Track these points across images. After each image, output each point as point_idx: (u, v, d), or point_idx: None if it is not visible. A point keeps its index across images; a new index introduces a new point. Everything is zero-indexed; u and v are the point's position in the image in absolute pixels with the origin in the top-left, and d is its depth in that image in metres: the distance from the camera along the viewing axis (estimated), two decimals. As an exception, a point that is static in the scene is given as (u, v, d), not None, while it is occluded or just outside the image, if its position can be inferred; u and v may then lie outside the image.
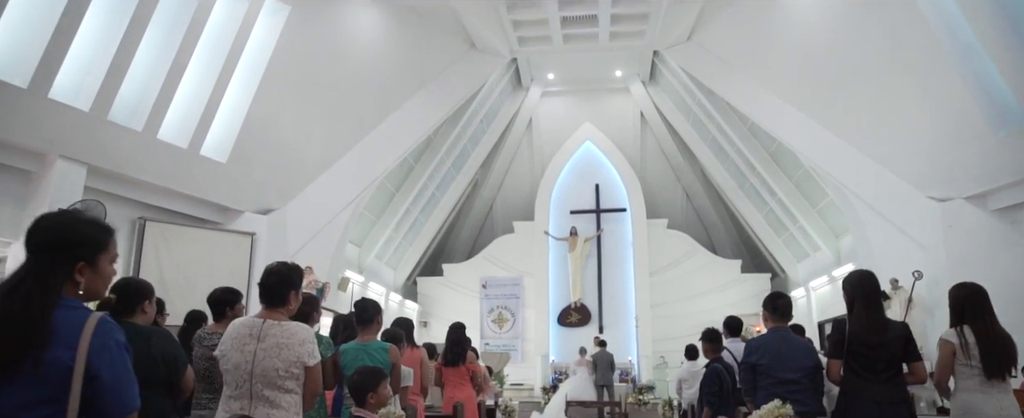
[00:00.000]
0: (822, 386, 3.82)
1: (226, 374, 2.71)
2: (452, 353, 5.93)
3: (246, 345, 2.70)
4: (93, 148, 8.03)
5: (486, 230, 19.42)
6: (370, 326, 4.22)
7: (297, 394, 2.69)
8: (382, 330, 4.39)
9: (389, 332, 4.46)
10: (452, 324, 6.07)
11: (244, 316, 3.03)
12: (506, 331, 17.12)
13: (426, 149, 15.61)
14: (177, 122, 9.01)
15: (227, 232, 10.44)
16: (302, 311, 4.25)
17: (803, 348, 3.86)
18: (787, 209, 14.82)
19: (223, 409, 2.67)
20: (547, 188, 17.70)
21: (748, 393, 3.83)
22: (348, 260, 14.28)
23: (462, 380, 5.88)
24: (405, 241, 17.08)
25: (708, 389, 4.65)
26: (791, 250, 16.07)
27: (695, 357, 7.36)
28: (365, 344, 4.15)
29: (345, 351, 4.09)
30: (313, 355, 2.71)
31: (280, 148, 10.60)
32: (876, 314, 3.42)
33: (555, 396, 13.31)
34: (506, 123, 18.09)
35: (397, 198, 15.56)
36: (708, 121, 15.71)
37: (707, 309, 16.18)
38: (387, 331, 4.50)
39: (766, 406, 3.37)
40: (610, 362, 13.10)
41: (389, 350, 4.12)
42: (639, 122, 18.26)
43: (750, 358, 3.84)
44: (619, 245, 17.33)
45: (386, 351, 4.11)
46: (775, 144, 13.97)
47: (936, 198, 9.81)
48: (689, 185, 18.53)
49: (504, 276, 17.42)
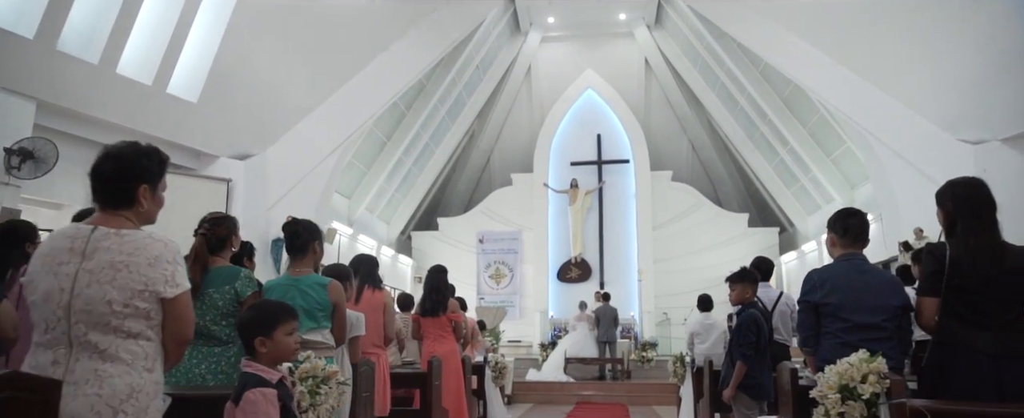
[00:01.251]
0: (910, 333, 2.97)
1: (33, 309, 1.81)
2: (430, 301, 5.13)
3: (62, 265, 1.78)
4: (42, 81, 7.24)
5: (483, 183, 18.75)
6: (304, 255, 3.31)
7: (151, 341, 1.81)
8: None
9: (335, 267, 3.66)
10: (431, 268, 5.32)
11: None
12: (504, 287, 16.57)
13: (418, 96, 14.78)
14: (139, 56, 8.20)
15: (201, 178, 9.72)
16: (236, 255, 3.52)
17: (887, 282, 2.94)
18: (799, 159, 14.11)
19: (30, 361, 1.78)
20: (547, 139, 16.98)
21: (809, 342, 2.93)
22: (337, 212, 13.62)
23: (443, 332, 5.11)
24: (398, 194, 16.41)
25: (744, 339, 3.84)
26: (801, 203, 15.41)
27: (709, 308, 6.69)
28: (297, 278, 3.24)
29: (269, 288, 3.23)
30: (173, 281, 1.82)
31: (257, 88, 9.80)
32: (989, 236, 2.56)
33: (553, 353, 12.78)
34: (503, 70, 17.22)
35: (388, 147, 14.80)
36: (717, 66, 14.86)
37: (712, 264, 15.63)
38: (333, 266, 3.70)
39: (848, 359, 2.50)
40: (614, 317, 12.50)
41: (329, 287, 3.21)
42: (644, 69, 17.37)
43: (812, 296, 2.90)
44: (621, 198, 16.70)
45: (324, 288, 3.20)
46: (789, 88, 13.15)
47: (969, 141, 9.10)
48: (695, 135, 17.77)
49: (502, 230, 16.83)
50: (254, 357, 2.16)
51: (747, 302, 4.02)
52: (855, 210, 3.17)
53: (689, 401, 5.88)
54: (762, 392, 3.78)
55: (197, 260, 2.87)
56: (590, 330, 12.50)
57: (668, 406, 10.10)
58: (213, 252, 2.95)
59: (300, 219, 3.43)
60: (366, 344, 3.73)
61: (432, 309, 5.13)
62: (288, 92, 10.44)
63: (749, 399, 3.80)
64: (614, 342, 12.59)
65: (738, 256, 15.97)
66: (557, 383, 11.95)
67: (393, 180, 15.67)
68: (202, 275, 2.86)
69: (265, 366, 2.14)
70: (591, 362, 12.56)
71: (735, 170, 17.85)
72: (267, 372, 2.12)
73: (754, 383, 3.81)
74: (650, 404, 10.83)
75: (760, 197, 17.25)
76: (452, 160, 17.82)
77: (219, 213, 3.12)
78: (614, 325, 12.55)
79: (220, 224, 3.00)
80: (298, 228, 3.37)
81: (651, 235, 16.19)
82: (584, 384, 12.09)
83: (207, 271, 2.90)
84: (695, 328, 6.44)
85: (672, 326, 15.43)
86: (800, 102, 13.22)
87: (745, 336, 3.86)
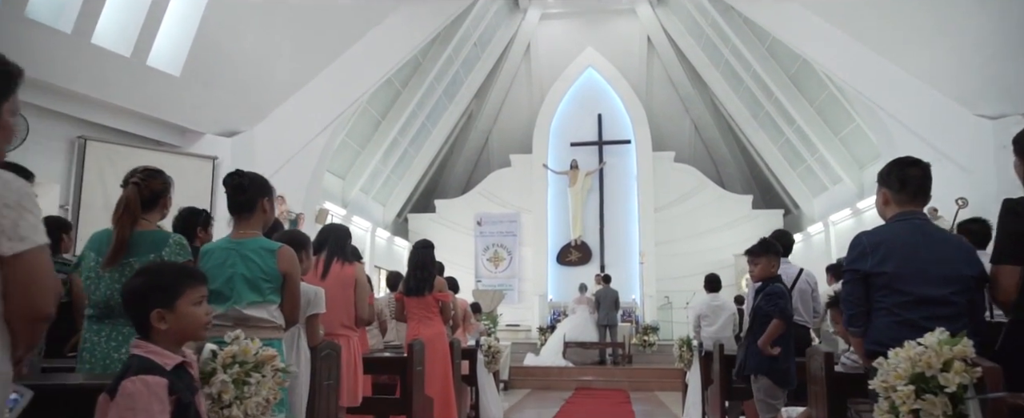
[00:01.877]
0: (984, 309, 2.45)
1: None
2: (415, 279, 4.63)
3: None
4: (10, 51, 6.72)
5: (481, 164, 18.34)
6: (251, 214, 2.71)
7: None
8: None
9: (290, 233, 3.22)
10: (416, 243, 4.91)
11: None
12: (502, 270, 16.26)
13: (414, 74, 14.35)
14: (116, 25, 7.77)
15: (185, 155, 9.35)
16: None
17: (957, 247, 2.44)
18: (806, 138, 13.72)
19: None
20: (546, 119, 16.59)
21: (856, 320, 2.40)
22: (330, 193, 13.26)
23: (428, 313, 4.63)
24: (394, 175, 16.03)
25: (778, 302, 3.36)
26: (807, 184, 15.04)
27: (717, 288, 6.30)
28: (239, 241, 2.65)
29: (206, 252, 2.68)
30: (15, 233, 1.36)
31: (243, 62, 9.39)
32: None
33: (552, 337, 12.46)
34: (502, 48, 16.75)
35: (383, 126, 14.39)
36: (722, 43, 14.43)
37: (715, 247, 15.39)
38: (288, 232, 3.28)
39: (923, 341, 1.99)
40: (614, 300, 12.16)
41: (278, 253, 2.61)
42: (646, 48, 16.91)
43: (862, 264, 2.38)
44: (623, 179, 16.34)
45: (272, 254, 2.60)
46: (797, 64, 12.73)
47: (987, 116, 8.71)
48: (698, 116, 17.36)
49: (500, 212, 16.49)
50: (148, 336, 1.68)
51: (771, 278, 3.61)
52: (915, 160, 2.72)
53: (696, 387, 5.51)
54: (788, 379, 3.40)
55: (127, 213, 2.44)
56: (590, 313, 12.18)
57: (671, 392, 9.79)
58: (143, 209, 2.54)
59: (246, 171, 2.88)
60: (334, 325, 3.33)
61: (417, 288, 4.66)
62: (276, 67, 10.04)
63: (773, 385, 3.40)
64: (615, 326, 12.28)
65: (742, 238, 15.63)
66: (555, 368, 11.64)
67: (389, 161, 15.29)
68: (128, 236, 2.45)
69: (162, 348, 1.66)
70: (591, 346, 12.24)
71: (739, 151, 17.46)
72: (162, 355, 1.64)
73: (781, 368, 3.40)
74: (652, 390, 10.52)
75: (764, 178, 16.88)
76: (449, 140, 17.42)
77: (154, 167, 2.72)
78: (615, 308, 12.23)
79: (155, 176, 2.59)
80: (242, 181, 2.78)
81: (653, 217, 15.86)
82: (584, 369, 11.78)
83: (131, 234, 2.49)
84: (702, 310, 6.06)
85: (674, 310, 15.19)
86: (808, 79, 12.81)
87: (773, 301, 3.42)
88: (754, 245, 3.70)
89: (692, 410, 5.65)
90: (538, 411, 8.32)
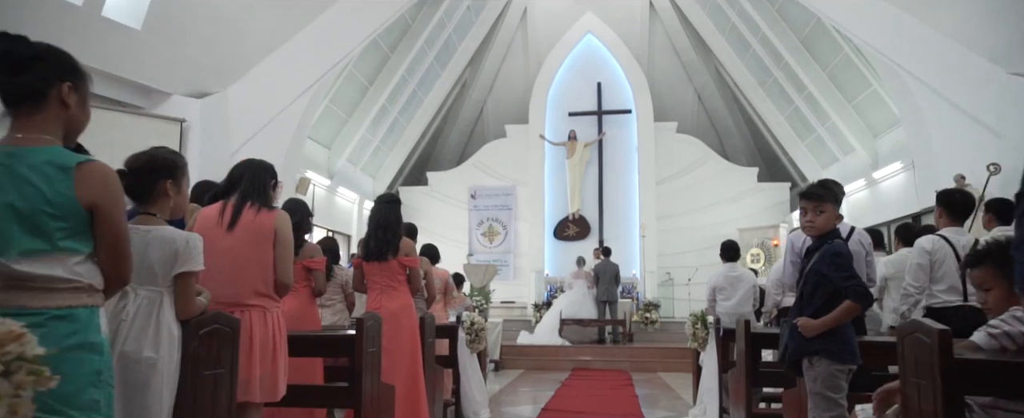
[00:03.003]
0: None
1: None
2: (376, 240, 3.81)
3: None
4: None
5: (476, 135, 17.62)
6: (36, 106, 1.70)
7: None
8: None
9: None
10: (379, 197, 4.15)
11: None
12: (497, 245, 15.63)
13: (403, 37, 13.57)
14: (64, -31, 7.04)
15: (150, 116, 8.64)
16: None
17: None
18: (817, 106, 13.00)
19: None
20: (543, 87, 15.82)
21: None
22: (314, 162, 12.57)
23: (392, 282, 3.82)
24: (384, 145, 15.33)
25: (846, 270, 2.63)
26: (816, 156, 14.35)
27: (735, 258, 5.63)
28: (12, 150, 1.66)
29: None
30: None
31: (214, 17, 8.64)
32: None
33: (548, 313, 11.85)
34: (497, 13, 15.90)
35: (371, 93, 13.65)
36: (728, 7, 13.65)
37: (719, 221, 14.75)
38: (157, 148, 2.31)
39: None
40: (614, 275, 11.53)
41: (78, 171, 1.65)
42: (648, 13, 16.08)
43: None
44: (623, 151, 15.63)
45: (67, 173, 1.63)
46: (809, 26, 11.97)
47: (1021, 74, 7.99)
48: (702, 85, 16.61)
49: (495, 185, 15.82)
50: None
51: (832, 232, 2.88)
52: None
53: (712, 370, 4.79)
54: (852, 357, 2.69)
55: None
56: (588, 289, 11.56)
57: (677, 374, 9.18)
58: None
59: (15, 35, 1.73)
60: (243, 292, 2.62)
61: (378, 251, 3.85)
62: (251, 24, 9.29)
63: (836, 371, 2.63)
64: (615, 302, 11.66)
65: (747, 212, 15.10)
66: (551, 347, 11.04)
67: (378, 130, 14.58)
68: None
69: None
70: (589, 324, 11.63)
71: (744, 121, 16.75)
72: None
73: (843, 342, 2.66)
74: (656, 371, 9.91)
75: (770, 150, 16.19)
76: (442, 110, 16.68)
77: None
78: (615, 283, 11.60)
79: None
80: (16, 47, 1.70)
81: (654, 190, 15.18)
82: (581, 348, 11.18)
83: None
84: (718, 282, 5.38)
85: (675, 287, 14.62)
86: (821, 42, 12.05)
87: (844, 268, 2.69)
88: (812, 186, 2.93)
89: (707, 397, 4.95)
90: (531, 395, 7.67)
